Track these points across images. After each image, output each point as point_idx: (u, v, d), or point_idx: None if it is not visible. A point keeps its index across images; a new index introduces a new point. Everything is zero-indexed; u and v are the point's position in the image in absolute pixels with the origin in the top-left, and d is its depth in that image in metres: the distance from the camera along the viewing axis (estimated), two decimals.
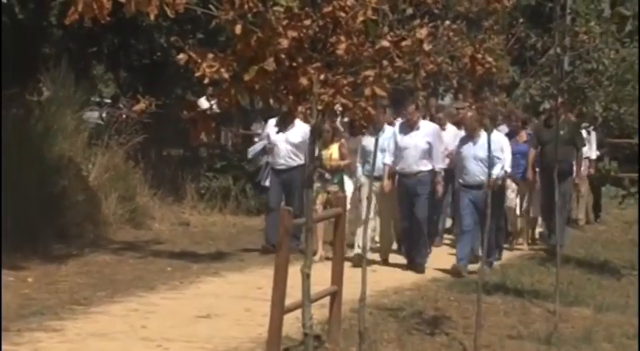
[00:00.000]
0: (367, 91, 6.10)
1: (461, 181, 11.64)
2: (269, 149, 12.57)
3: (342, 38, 6.03)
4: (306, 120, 8.83)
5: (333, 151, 12.19)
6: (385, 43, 6.17)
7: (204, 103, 10.02)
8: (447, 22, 6.83)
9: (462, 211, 11.53)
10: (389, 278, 11.11)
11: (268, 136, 12.59)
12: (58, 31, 16.60)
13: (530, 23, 10.96)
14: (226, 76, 5.80)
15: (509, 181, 12.90)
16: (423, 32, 6.34)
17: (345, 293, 8.06)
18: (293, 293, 6.88)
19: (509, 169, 12.03)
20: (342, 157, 12.24)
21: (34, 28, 15.59)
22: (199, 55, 5.79)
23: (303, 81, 5.89)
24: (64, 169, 12.69)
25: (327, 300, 8.12)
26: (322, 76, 5.93)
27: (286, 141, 12.39)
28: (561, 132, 11.59)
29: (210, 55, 5.79)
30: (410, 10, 6.51)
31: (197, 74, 5.79)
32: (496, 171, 11.12)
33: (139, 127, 14.13)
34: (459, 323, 8.78)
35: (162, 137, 16.35)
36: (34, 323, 8.45)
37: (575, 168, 13.42)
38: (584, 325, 9.05)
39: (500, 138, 11.85)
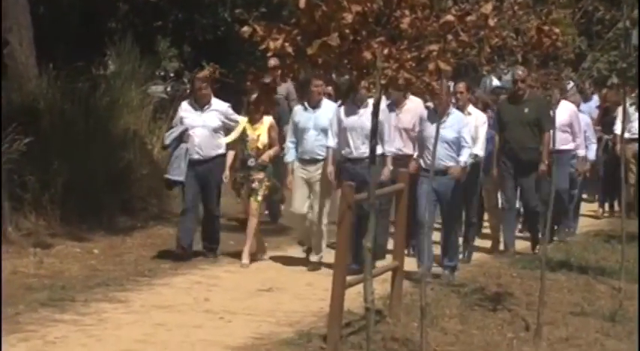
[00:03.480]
0: (431, 66, 6.06)
1: (423, 165, 9.64)
2: (186, 136, 10.28)
3: (407, 12, 5.99)
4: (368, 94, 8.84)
5: (261, 133, 10.14)
6: (450, 18, 6.12)
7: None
8: None
9: (421, 202, 9.34)
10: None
11: (181, 120, 10.33)
12: (124, 6, 16.75)
13: None
14: (290, 50, 5.80)
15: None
16: (488, 7, 6.27)
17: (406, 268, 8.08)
18: None
19: (480, 153, 10.39)
20: (271, 142, 10.18)
21: (101, 2, 15.74)
22: (263, 28, 5.80)
23: (367, 55, 5.87)
24: (129, 142, 12.83)
25: (388, 275, 8.14)
26: (386, 51, 5.90)
27: (203, 125, 10.24)
28: (525, 110, 10.90)
29: (275, 29, 5.79)
30: None
31: (261, 48, 5.81)
32: (463, 157, 9.61)
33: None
34: (521, 300, 8.72)
35: None
36: (100, 294, 8.61)
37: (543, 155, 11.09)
38: None
39: (475, 117, 10.40)
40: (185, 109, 10.36)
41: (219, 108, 10.30)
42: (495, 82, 14.78)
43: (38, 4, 13.04)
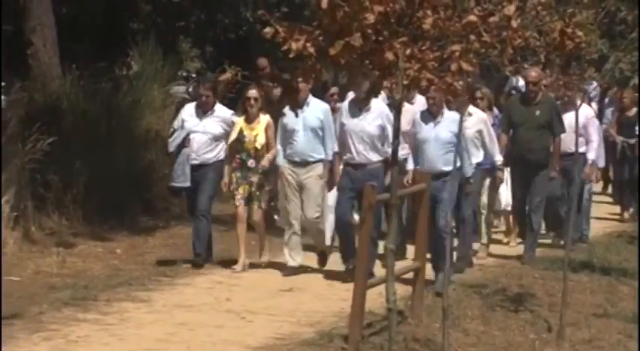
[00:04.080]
0: (453, 66, 6.05)
1: (418, 168, 9.16)
2: (187, 141, 10.06)
3: (429, 12, 5.99)
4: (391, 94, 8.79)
5: (258, 132, 9.73)
6: (472, 18, 6.11)
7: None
8: None
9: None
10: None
11: (182, 123, 10.09)
12: (146, 7, 16.82)
13: None
14: (312, 50, 5.81)
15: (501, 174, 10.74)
16: (511, 8, 6.26)
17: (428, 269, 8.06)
18: None
19: (499, 158, 10.19)
20: (268, 141, 9.75)
21: (124, 3, 15.81)
22: (285, 29, 5.81)
23: (389, 56, 5.87)
24: (151, 142, 12.88)
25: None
26: (408, 51, 5.90)
27: (204, 131, 10.00)
28: (537, 112, 10.58)
29: (297, 29, 5.80)
30: None
31: (283, 48, 5.81)
32: (467, 168, 9.18)
33: (225, 103, 14.23)
34: (544, 301, 8.68)
35: None
36: (122, 293, 8.64)
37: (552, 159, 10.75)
38: None
39: (476, 119, 9.88)
40: (188, 113, 10.13)
41: (221, 115, 10.01)
42: (521, 82, 14.70)
43: (61, 5, 13.11)
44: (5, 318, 7.61)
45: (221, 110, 10.05)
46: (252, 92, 9.73)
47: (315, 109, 9.64)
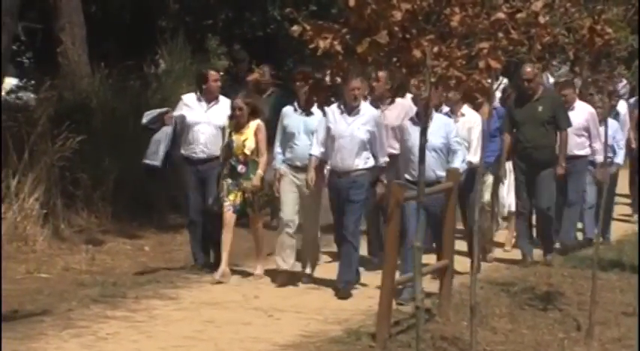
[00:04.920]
0: (481, 64, 6.01)
1: (409, 177, 8.40)
2: (167, 118, 9.64)
3: (457, 10, 5.95)
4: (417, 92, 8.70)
5: (247, 137, 9.28)
6: (500, 15, 6.07)
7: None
8: None
9: (408, 218, 8.12)
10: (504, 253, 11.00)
11: (183, 117, 9.62)
12: (175, 5, 16.88)
13: None
14: (339, 48, 5.80)
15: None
16: (538, 5, 6.22)
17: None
18: None
19: (475, 159, 8.95)
20: (258, 144, 9.28)
21: (152, 1, 15.89)
22: (313, 27, 5.81)
23: (417, 53, 5.85)
24: None
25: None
26: (436, 48, 5.87)
27: (209, 123, 9.55)
28: (539, 109, 10.19)
29: (324, 27, 5.80)
30: None
31: (310, 46, 5.81)
32: (455, 163, 8.49)
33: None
34: (572, 299, 8.64)
35: None
36: (150, 291, 8.69)
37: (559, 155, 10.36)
38: None
39: (468, 119, 9.44)
40: (188, 104, 9.69)
41: (226, 104, 9.55)
42: (551, 79, 14.61)
43: (90, 3, 13.21)
44: (35, 315, 7.70)
45: (225, 100, 9.64)
46: (237, 102, 9.27)
47: (317, 113, 8.95)
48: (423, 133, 6.22)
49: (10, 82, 13.86)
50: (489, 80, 6.19)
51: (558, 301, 8.59)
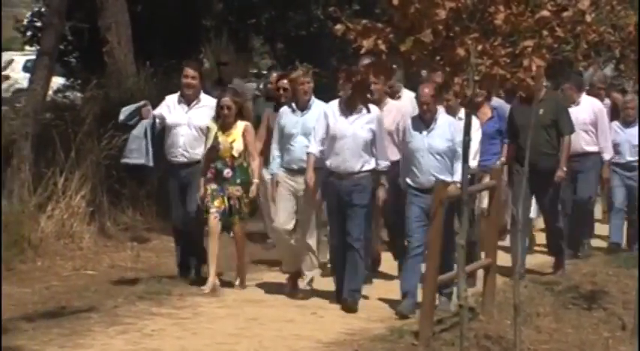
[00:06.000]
0: (526, 62, 6.01)
1: (410, 182, 8.15)
2: (145, 111, 9.10)
3: (501, 8, 5.95)
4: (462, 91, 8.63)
5: (235, 138, 8.68)
6: (545, 13, 6.06)
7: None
8: None
9: (409, 225, 8.04)
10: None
11: (163, 118, 9.06)
12: (218, 4, 17.00)
13: None
14: (383, 47, 5.82)
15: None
16: (585, 3, 6.19)
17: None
18: None
19: (473, 164, 8.48)
20: (247, 147, 8.72)
21: (197, 1, 16.01)
22: (356, 26, 5.83)
23: (461, 51, 5.86)
24: None
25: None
26: (480, 47, 5.88)
27: (189, 124, 8.95)
28: (540, 112, 9.23)
29: (368, 27, 5.82)
30: None
31: (354, 45, 5.84)
32: (457, 175, 7.92)
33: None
34: (617, 298, 8.56)
35: None
36: (195, 288, 8.75)
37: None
38: None
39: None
40: (169, 105, 9.13)
41: (208, 104, 8.97)
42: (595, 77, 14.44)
43: (136, 3, 13.35)
44: (82, 311, 7.81)
45: (207, 99, 9.03)
46: (225, 100, 8.65)
47: (317, 113, 8.56)
48: (467, 131, 6.22)
49: (57, 81, 14.01)
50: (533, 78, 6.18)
51: (603, 300, 8.51)
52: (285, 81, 9.41)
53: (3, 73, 15.25)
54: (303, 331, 7.55)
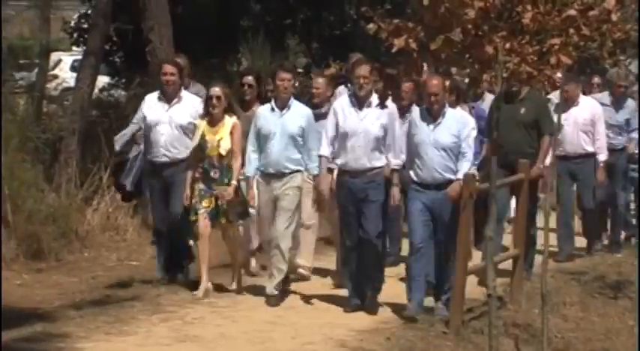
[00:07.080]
0: (553, 60, 6.20)
1: (413, 177, 7.86)
2: (139, 136, 8.77)
3: (529, 7, 6.16)
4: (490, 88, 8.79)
5: (222, 136, 8.21)
6: (572, 12, 6.25)
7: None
8: None
9: (411, 222, 7.85)
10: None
11: (144, 118, 8.66)
12: (256, 5, 17.25)
13: None
14: (414, 45, 6.04)
15: None
16: (611, 2, 6.38)
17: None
18: None
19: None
20: (235, 145, 8.23)
21: (235, 2, 16.27)
22: (389, 26, 6.06)
23: (489, 49, 6.07)
24: None
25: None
26: (508, 45, 6.07)
27: (170, 122, 8.51)
28: (521, 110, 8.88)
29: (399, 26, 6.05)
30: None
31: (386, 44, 6.07)
32: (463, 167, 7.71)
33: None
34: None
35: None
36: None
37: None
38: None
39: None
40: (149, 104, 8.70)
41: (189, 102, 8.61)
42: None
43: (177, 4, 13.60)
44: (126, 300, 8.02)
45: (188, 97, 8.67)
46: (215, 90, 8.18)
47: (297, 114, 8.24)
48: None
49: (102, 80, 14.35)
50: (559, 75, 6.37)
51: (628, 289, 8.62)
52: (250, 77, 9.07)
53: (51, 72, 15.59)
54: (338, 319, 7.71)
